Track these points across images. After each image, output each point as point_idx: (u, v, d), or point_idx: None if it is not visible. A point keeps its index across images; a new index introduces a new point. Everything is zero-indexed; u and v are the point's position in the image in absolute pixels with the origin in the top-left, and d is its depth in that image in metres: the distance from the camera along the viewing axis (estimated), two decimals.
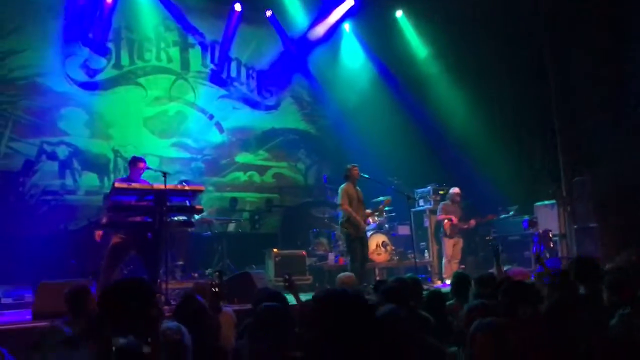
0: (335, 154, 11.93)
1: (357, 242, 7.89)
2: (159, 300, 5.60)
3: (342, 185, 8.02)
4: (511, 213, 10.45)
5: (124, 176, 7.60)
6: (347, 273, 6.05)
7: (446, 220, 9.47)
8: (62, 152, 9.79)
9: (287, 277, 4.66)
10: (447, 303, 4.46)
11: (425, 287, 6.95)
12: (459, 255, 9.54)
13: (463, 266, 9.72)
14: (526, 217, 9.89)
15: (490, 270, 7.12)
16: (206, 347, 3.05)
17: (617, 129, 9.14)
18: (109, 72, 10.44)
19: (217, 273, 4.48)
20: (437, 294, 4.44)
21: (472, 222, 9.59)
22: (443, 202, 9.78)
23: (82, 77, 10.14)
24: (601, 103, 9.34)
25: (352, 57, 12.77)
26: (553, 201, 9.88)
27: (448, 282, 7.99)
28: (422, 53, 12.19)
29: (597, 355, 2.12)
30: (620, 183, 9.07)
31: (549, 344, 2.25)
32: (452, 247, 9.41)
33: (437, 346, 2.80)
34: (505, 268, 7.83)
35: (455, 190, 9.74)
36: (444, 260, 9.49)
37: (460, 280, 4.80)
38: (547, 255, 9.05)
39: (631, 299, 3.28)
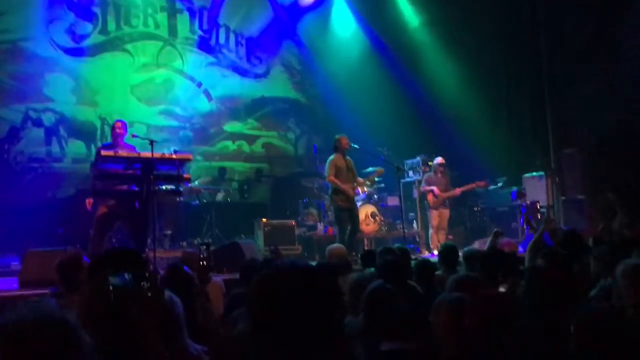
0: (325, 124, 11.85)
1: (345, 212, 7.88)
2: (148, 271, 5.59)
3: (330, 157, 7.96)
4: (499, 184, 10.49)
5: (108, 142, 7.52)
6: (336, 244, 6.07)
7: (429, 192, 9.45)
8: (47, 118, 9.66)
9: (273, 247, 4.66)
10: (435, 273, 4.48)
11: (413, 257, 7.01)
12: (446, 225, 9.55)
13: (451, 236, 9.78)
14: (514, 189, 9.92)
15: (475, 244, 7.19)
16: (193, 317, 3.03)
17: (607, 103, 9.15)
18: (95, 38, 10.24)
19: (204, 246, 4.43)
20: (425, 264, 4.45)
21: (457, 190, 9.54)
22: (427, 174, 9.72)
23: (67, 42, 9.94)
24: (593, 77, 9.33)
25: (343, 25, 12.58)
26: (541, 173, 9.92)
27: (436, 252, 8.05)
28: (415, 22, 12.03)
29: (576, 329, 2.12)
30: (608, 156, 9.12)
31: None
32: (437, 218, 9.40)
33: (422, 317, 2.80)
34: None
35: (438, 160, 9.65)
36: (430, 231, 9.52)
37: (447, 251, 4.82)
38: (534, 226, 9.12)
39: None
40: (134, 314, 1.61)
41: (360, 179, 8.47)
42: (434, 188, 9.40)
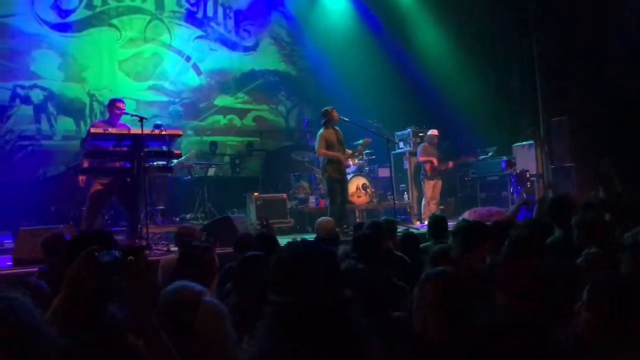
0: (315, 97, 11.80)
1: (338, 184, 7.92)
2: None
3: (320, 131, 7.95)
4: (490, 154, 10.57)
5: (102, 119, 7.50)
6: (326, 217, 6.13)
7: (427, 163, 9.52)
8: (36, 96, 9.59)
9: (264, 221, 4.71)
10: (424, 245, 4.55)
11: (403, 227, 7.10)
12: (438, 196, 9.68)
13: (442, 207, 9.89)
14: (504, 158, 10.00)
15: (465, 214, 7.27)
16: None
17: (596, 70, 9.19)
18: (81, 13, 10.11)
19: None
20: (410, 236, 4.52)
21: (450, 163, 9.66)
22: (422, 144, 9.81)
23: (53, 18, 9.82)
24: (583, 43, 9.34)
25: None
26: (531, 141, 9.99)
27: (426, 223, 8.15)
28: None
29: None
30: (597, 126, 9.19)
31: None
32: (432, 188, 9.51)
33: (402, 287, 2.88)
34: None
35: (433, 132, 9.78)
36: (423, 202, 9.61)
37: (436, 222, 4.86)
38: (524, 195, 9.22)
39: (601, 239, 3.33)
40: (122, 287, 1.64)
41: (349, 151, 8.51)
42: (433, 159, 9.47)
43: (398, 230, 5.26)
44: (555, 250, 3.46)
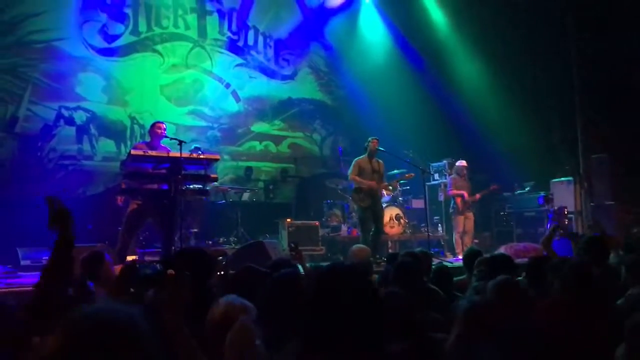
0: (350, 126, 11.89)
1: (368, 212, 7.89)
2: None
3: (357, 158, 8.04)
4: (527, 189, 10.41)
5: (144, 141, 7.65)
6: (360, 245, 6.08)
7: (458, 197, 9.39)
8: (79, 117, 9.85)
9: (292, 245, 4.69)
10: (457, 278, 4.47)
11: (437, 260, 6.99)
12: (472, 229, 9.50)
13: (477, 241, 9.73)
14: (542, 193, 9.83)
15: (501, 249, 7.13)
16: None
17: (634, 109, 9.02)
18: (126, 39, 10.42)
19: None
20: (442, 270, 4.46)
21: (477, 195, 9.51)
22: (452, 176, 9.65)
23: (99, 43, 10.13)
24: (624, 80, 9.19)
25: (371, 27, 12.61)
26: (570, 178, 9.80)
27: (461, 256, 8.01)
28: (442, 24, 12.00)
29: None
30: (637, 164, 8.99)
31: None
32: (462, 222, 9.34)
33: (440, 320, 2.82)
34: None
35: (462, 163, 9.59)
36: (455, 236, 9.45)
37: (471, 256, 4.78)
38: (561, 231, 9.01)
39: None
40: (159, 299, 1.69)
41: (384, 184, 8.49)
42: (464, 193, 9.34)
43: (433, 263, 5.19)
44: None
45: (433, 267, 4.94)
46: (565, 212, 9.38)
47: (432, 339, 2.37)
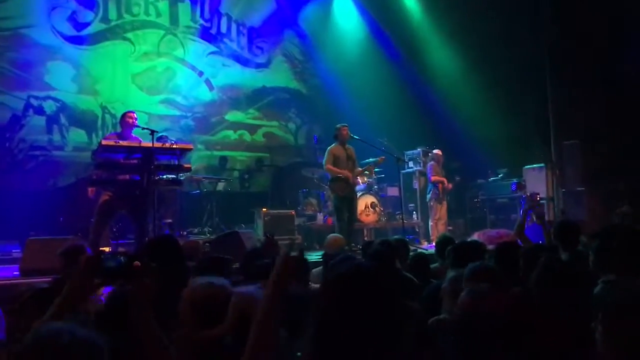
0: (326, 114, 11.86)
1: (344, 202, 7.90)
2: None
3: (330, 146, 8.02)
4: (500, 175, 10.53)
5: (114, 132, 7.53)
6: (335, 234, 6.10)
7: (440, 183, 9.51)
8: (49, 107, 9.66)
9: (268, 236, 4.67)
10: (432, 266, 4.50)
11: (412, 247, 7.04)
12: (446, 216, 9.64)
13: (451, 227, 9.83)
14: (515, 180, 9.95)
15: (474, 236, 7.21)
16: None
17: (609, 99, 9.16)
18: (96, 26, 10.21)
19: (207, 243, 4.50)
20: (421, 257, 4.48)
21: (450, 185, 9.76)
22: (431, 163, 9.77)
23: (68, 30, 9.92)
24: (597, 67, 9.32)
25: (345, 15, 12.56)
26: (542, 164, 9.94)
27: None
28: (417, 13, 12.01)
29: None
30: (609, 150, 9.14)
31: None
32: (441, 209, 9.49)
33: (412, 307, 2.84)
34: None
35: (439, 152, 9.85)
36: (430, 223, 9.55)
37: (444, 243, 4.81)
38: (534, 218, 9.14)
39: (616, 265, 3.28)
40: (126, 292, 1.67)
41: (359, 169, 8.51)
42: (444, 179, 9.53)
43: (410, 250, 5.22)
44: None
45: (410, 254, 4.97)
46: (538, 198, 9.51)
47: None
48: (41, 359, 1.16)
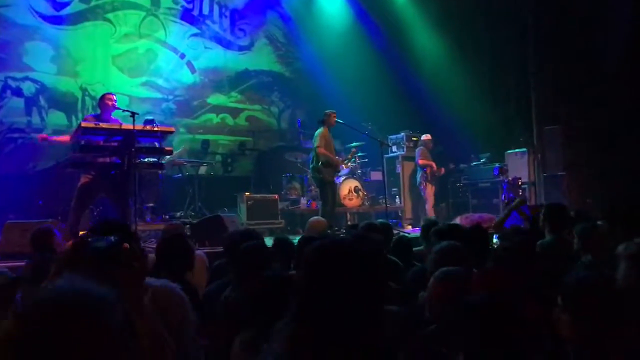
0: (309, 98, 11.79)
1: (330, 186, 7.92)
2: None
3: (319, 130, 7.97)
4: (482, 160, 10.58)
5: (93, 113, 7.41)
6: (317, 217, 6.09)
7: (428, 167, 9.57)
8: (27, 88, 9.48)
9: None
10: (415, 249, 4.51)
11: (395, 232, 7.06)
12: (432, 200, 9.71)
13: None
14: (497, 165, 10.00)
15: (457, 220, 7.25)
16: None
17: (591, 81, 9.21)
18: (75, 6, 10.01)
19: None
20: (403, 240, 4.49)
21: (442, 170, 9.82)
22: (420, 148, 9.83)
23: (47, 10, 9.71)
24: (577, 54, 9.36)
25: None
26: (524, 149, 10.00)
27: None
28: None
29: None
30: (590, 135, 9.22)
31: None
32: (432, 192, 9.58)
33: (397, 289, 2.85)
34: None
35: (427, 136, 9.91)
36: (427, 206, 9.59)
37: (429, 226, 4.82)
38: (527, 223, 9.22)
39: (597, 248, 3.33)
40: (116, 274, 1.63)
41: (338, 158, 8.54)
42: (432, 163, 9.57)
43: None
44: (546, 253, 3.48)
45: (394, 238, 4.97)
46: (519, 183, 9.58)
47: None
48: (51, 318, 1.07)
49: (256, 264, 2.85)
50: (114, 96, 6.62)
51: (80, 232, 6.07)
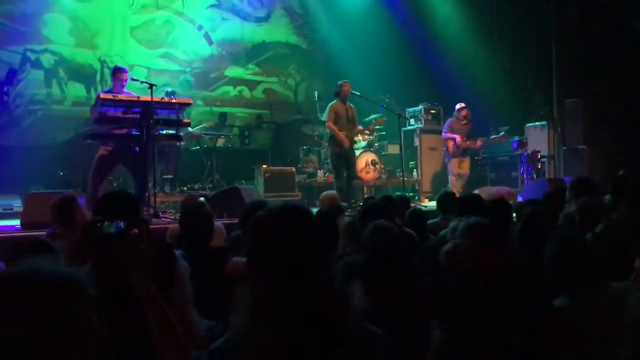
0: (326, 71, 11.70)
1: (341, 159, 7.88)
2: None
3: (331, 103, 7.94)
4: (501, 133, 10.45)
5: (107, 90, 7.44)
6: (330, 191, 6.10)
7: (450, 140, 9.33)
8: (46, 60, 9.54)
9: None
10: (430, 221, 4.51)
11: (412, 205, 7.06)
12: (467, 173, 9.43)
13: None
14: (516, 138, 9.89)
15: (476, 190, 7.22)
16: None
17: (613, 57, 9.03)
18: None
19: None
20: (417, 212, 4.50)
21: (479, 142, 9.45)
22: (449, 119, 9.52)
23: None
24: (602, 23, 9.16)
25: None
26: (544, 122, 9.87)
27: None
28: None
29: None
30: (611, 108, 9.07)
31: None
32: (457, 166, 9.29)
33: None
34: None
35: (459, 105, 9.44)
36: (450, 178, 9.41)
37: (444, 198, 4.82)
38: (534, 176, 9.14)
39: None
40: (123, 260, 1.65)
41: (360, 127, 8.46)
42: (457, 136, 9.27)
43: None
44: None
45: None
46: (538, 157, 9.49)
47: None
48: (11, 300, 1.08)
49: None
50: (127, 74, 6.64)
51: None
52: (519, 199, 7.30)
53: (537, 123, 9.96)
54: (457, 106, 9.47)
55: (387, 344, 1.49)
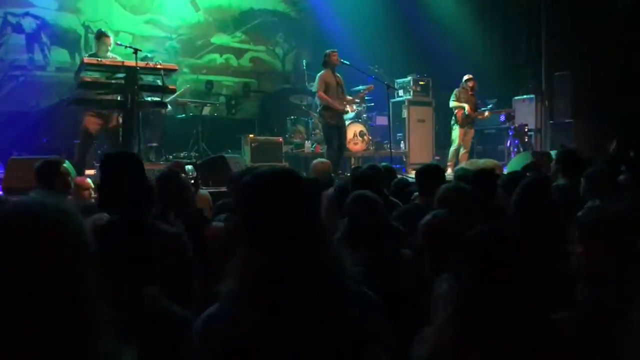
0: (314, 40, 11.56)
1: (334, 129, 7.83)
2: None
3: (320, 72, 7.84)
4: (489, 106, 10.43)
5: (91, 53, 7.30)
6: (321, 159, 6.04)
7: (459, 109, 9.22)
8: (28, 24, 9.31)
9: None
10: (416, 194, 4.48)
11: (399, 176, 7.05)
12: (469, 145, 9.40)
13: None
14: (504, 111, 9.89)
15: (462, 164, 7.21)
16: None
17: (601, 31, 9.00)
18: None
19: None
20: (403, 182, 4.48)
21: (487, 113, 9.40)
22: (457, 89, 9.39)
23: None
24: (590, 1, 9.12)
25: None
26: (532, 96, 9.86)
27: (449, 170, 8.08)
28: None
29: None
30: (599, 82, 9.07)
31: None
32: (462, 136, 9.21)
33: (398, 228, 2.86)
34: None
35: (467, 76, 9.33)
36: (451, 148, 9.35)
37: (424, 173, 4.76)
38: (521, 149, 9.16)
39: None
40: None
41: (348, 97, 8.39)
42: (467, 106, 9.19)
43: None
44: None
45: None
46: (526, 130, 9.49)
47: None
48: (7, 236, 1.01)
49: None
50: (111, 39, 6.52)
51: (87, 171, 6.10)
52: (505, 171, 7.31)
53: (524, 96, 9.95)
54: (465, 77, 9.36)
55: (382, 308, 1.48)
